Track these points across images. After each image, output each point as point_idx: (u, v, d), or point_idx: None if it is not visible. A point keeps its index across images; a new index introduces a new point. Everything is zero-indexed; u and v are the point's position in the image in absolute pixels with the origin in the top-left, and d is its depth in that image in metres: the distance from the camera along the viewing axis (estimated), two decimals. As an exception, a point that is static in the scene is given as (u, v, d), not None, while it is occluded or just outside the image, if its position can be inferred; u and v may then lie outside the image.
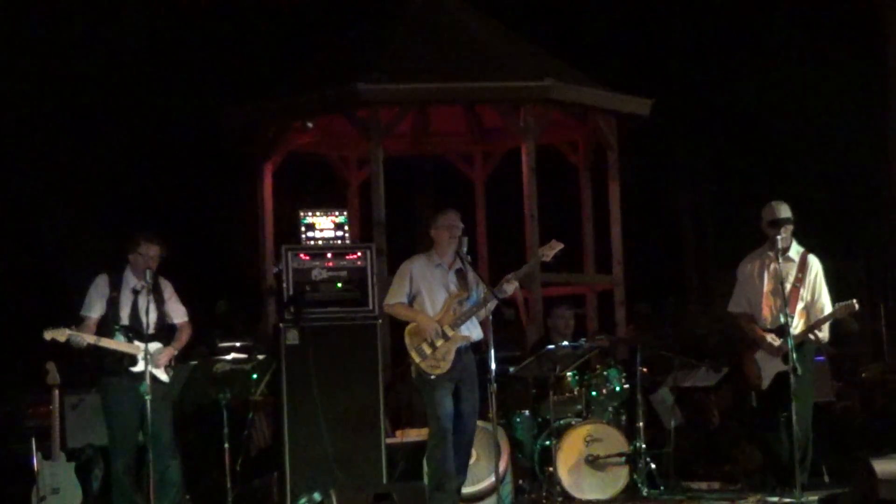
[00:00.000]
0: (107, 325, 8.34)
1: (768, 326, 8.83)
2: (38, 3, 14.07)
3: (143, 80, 14.88)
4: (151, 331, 8.33)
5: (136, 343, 8.26)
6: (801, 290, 8.81)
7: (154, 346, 8.30)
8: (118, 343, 8.28)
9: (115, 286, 8.40)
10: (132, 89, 14.80)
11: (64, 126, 14.36)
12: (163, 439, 8.33)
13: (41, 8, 14.09)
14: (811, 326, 8.78)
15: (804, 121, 15.66)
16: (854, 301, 8.65)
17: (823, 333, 8.85)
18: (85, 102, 14.53)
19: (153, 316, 8.38)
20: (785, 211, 8.84)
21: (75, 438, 9.56)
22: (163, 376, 8.33)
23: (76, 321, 8.31)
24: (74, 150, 14.27)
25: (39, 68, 13.97)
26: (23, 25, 13.96)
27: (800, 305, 8.81)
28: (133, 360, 8.28)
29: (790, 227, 8.83)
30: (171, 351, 8.42)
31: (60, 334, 8.15)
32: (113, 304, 8.37)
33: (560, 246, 8.42)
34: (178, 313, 8.59)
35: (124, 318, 8.36)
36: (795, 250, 8.91)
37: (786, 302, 8.58)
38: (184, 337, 8.57)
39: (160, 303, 8.48)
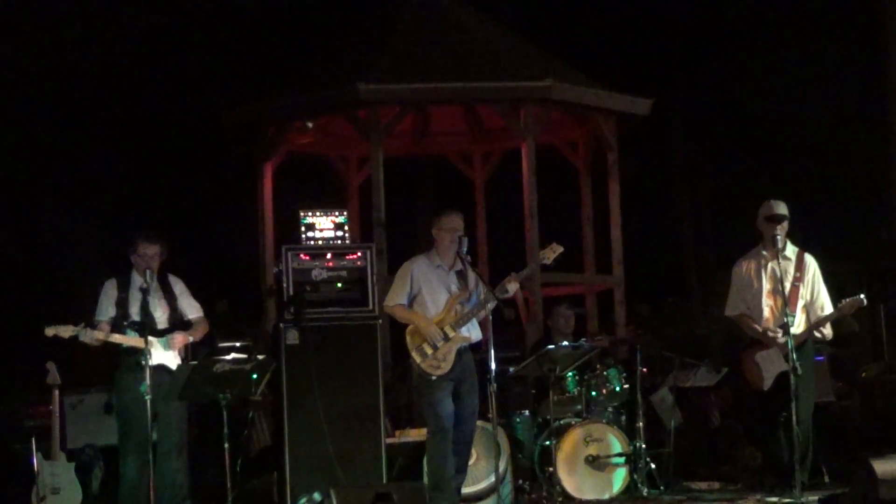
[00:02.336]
0: (119, 325, 8.33)
1: (770, 327, 8.81)
2: (38, 3, 14.08)
3: (143, 80, 14.90)
4: (163, 326, 8.34)
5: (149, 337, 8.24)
6: (801, 289, 8.80)
7: (163, 340, 8.31)
8: (129, 338, 8.26)
9: (123, 287, 8.39)
10: (132, 89, 14.81)
11: (64, 126, 14.37)
12: (173, 438, 8.30)
13: (41, 8, 14.10)
14: (817, 323, 8.76)
15: (804, 120, 15.67)
16: (862, 296, 8.64)
17: (828, 330, 8.85)
18: (85, 102, 14.54)
19: (160, 313, 8.38)
20: (782, 208, 8.84)
21: (75, 438, 9.56)
22: (172, 364, 8.29)
23: (90, 326, 8.27)
24: (75, 149, 14.28)
25: (39, 68, 13.98)
26: (23, 25, 13.97)
27: (800, 304, 8.81)
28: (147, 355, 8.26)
29: (786, 226, 8.83)
30: (187, 336, 8.41)
31: (64, 331, 8.11)
32: (122, 304, 8.35)
33: (560, 249, 8.40)
34: (191, 309, 8.56)
35: (134, 315, 8.33)
36: (791, 249, 8.90)
37: (786, 301, 8.57)
38: (200, 329, 8.54)
39: (171, 300, 8.46)
